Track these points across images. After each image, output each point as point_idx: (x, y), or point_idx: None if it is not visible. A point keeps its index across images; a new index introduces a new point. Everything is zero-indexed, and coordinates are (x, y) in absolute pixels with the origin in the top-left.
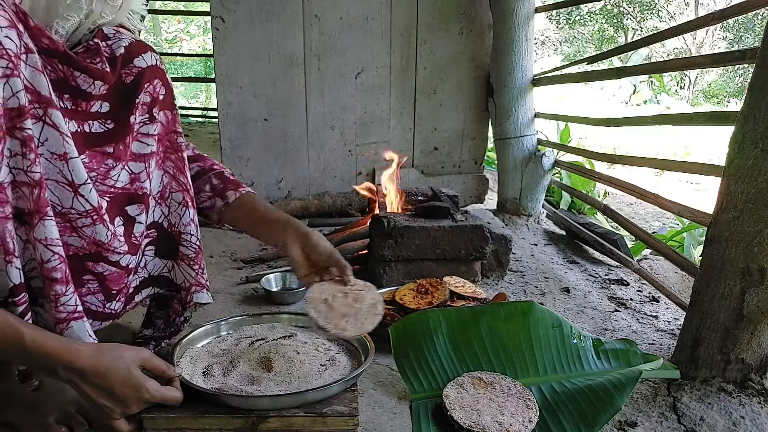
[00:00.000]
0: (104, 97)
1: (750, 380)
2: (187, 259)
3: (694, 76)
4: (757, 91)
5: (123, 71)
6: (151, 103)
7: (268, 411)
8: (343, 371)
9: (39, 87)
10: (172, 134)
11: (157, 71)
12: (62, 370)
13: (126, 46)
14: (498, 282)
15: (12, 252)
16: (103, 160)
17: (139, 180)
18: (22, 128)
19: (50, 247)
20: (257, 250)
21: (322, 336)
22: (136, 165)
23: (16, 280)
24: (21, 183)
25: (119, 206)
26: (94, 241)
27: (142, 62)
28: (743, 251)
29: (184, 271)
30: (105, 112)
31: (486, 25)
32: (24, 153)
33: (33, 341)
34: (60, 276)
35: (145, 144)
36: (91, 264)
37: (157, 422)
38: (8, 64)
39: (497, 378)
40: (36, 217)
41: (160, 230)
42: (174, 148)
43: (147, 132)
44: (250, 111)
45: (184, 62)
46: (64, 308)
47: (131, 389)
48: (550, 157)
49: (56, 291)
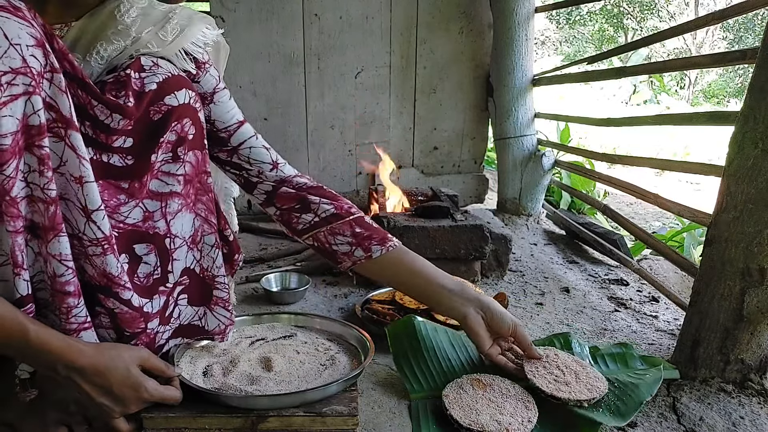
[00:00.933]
0: (128, 132)
1: (749, 380)
2: (222, 301)
3: (694, 76)
4: (757, 91)
5: (152, 108)
6: (177, 142)
7: (268, 411)
8: (343, 371)
9: (62, 107)
10: (202, 175)
11: (189, 110)
12: (62, 368)
13: (159, 82)
14: (498, 282)
15: (21, 265)
16: (116, 194)
17: (153, 219)
18: (41, 146)
19: (64, 262)
20: (257, 250)
21: (322, 336)
22: (152, 203)
23: (23, 291)
24: (37, 198)
25: (126, 243)
26: (104, 273)
27: (174, 101)
28: (743, 251)
29: (218, 315)
30: (127, 147)
31: (486, 25)
32: (41, 170)
33: (37, 337)
34: (73, 289)
35: (165, 183)
36: (103, 297)
37: (156, 422)
38: (31, 82)
39: (496, 380)
40: (51, 234)
41: (192, 276)
42: (204, 189)
43: (168, 171)
44: (250, 110)
45: None
46: (75, 319)
47: (130, 389)
48: (550, 157)
49: (68, 304)
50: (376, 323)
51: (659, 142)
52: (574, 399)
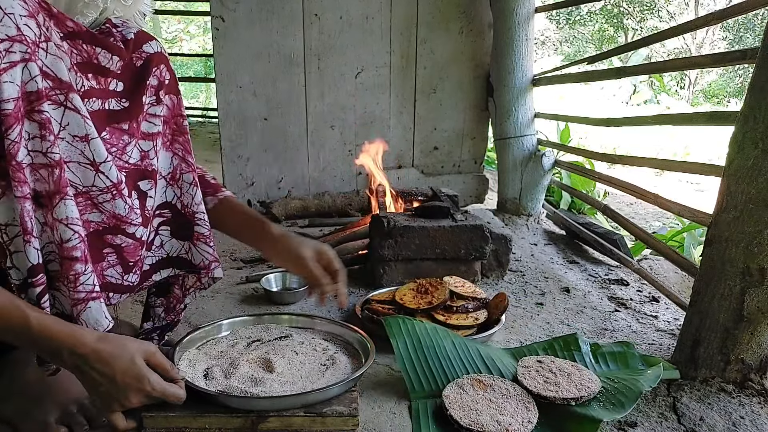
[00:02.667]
0: (119, 76)
1: (750, 380)
2: (203, 237)
3: (694, 76)
4: (757, 91)
5: (134, 55)
6: (158, 86)
7: (269, 412)
8: (344, 370)
9: (59, 73)
10: (178, 117)
11: (162, 58)
12: (67, 355)
13: (135, 33)
14: (498, 282)
15: (30, 232)
16: (121, 136)
17: (148, 157)
18: (41, 111)
19: (71, 226)
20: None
21: (318, 336)
22: (145, 143)
23: (34, 260)
24: (39, 165)
25: (133, 181)
26: (114, 215)
27: (150, 48)
28: (743, 251)
29: (201, 251)
30: (120, 90)
31: (486, 25)
32: (43, 135)
33: (39, 324)
34: (80, 255)
35: (153, 124)
36: (110, 237)
37: (156, 421)
38: (27, 50)
39: (497, 380)
40: (57, 198)
41: (173, 211)
42: (180, 131)
43: (154, 113)
44: (250, 110)
45: (184, 62)
46: (84, 287)
47: (133, 379)
48: (550, 157)
49: (76, 270)
50: (376, 323)
51: (659, 142)
52: (561, 398)
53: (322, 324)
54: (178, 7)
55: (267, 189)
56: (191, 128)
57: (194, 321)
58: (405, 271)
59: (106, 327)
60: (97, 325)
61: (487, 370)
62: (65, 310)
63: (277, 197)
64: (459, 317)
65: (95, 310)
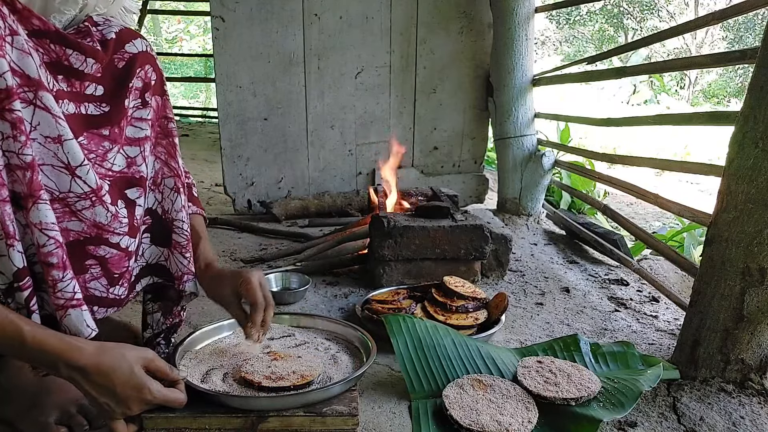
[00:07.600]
0: (98, 80)
1: (750, 380)
2: (180, 247)
3: (694, 76)
4: (757, 91)
5: (115, 56)
6: (144, 88)
7: (269, 412)
8: (346, 370)
9: (27, 69)
10: (163, 119)
11: (148, 57)
12: (64, 368)
13: (117, 32)
14: (498, 282)
15: (12, 235)
16: (101, 142)
17: (136, 164)
18: (11, 110)
19: (45, 231)
20: (257, 250)
21: (320, 335)
22: (131, 149)
23: (18, 263)
24: (15, 166)
25: (119, 189)
26: (95, 224)
27: (134, 48)
28: (743, 251)
29: (177, 260)
30: (99, 95)
31: (486, 25)
32: (15, 135)
33: (33, 337)
34: (56, 261)
35: (139, 128)
36: (93, 248)
37: (156, 422)
38: None
39: (497, 381)
40: (30, 201)
41: (154, 217)
42: (165, 133)
43: (140, 116)
44: (250, 110)
45: (184, 62)
46: (62, 294)
47: (133, 389)
48: (550, 157)
49: (53, 276)
50: (376, 323)
51: (659, 142)
52: (561, 398)
53: (323, 323)
54: (178, 7)
55: (267, 189)
56: (191, 128)
57: (195, 322)
58: (405, 271)
59: (87, 335)
60: (78, 333)
61: (487, 370)
62: (53, 313)
63: (277, 197)
64: (459, 317)
65: (75, 318)
